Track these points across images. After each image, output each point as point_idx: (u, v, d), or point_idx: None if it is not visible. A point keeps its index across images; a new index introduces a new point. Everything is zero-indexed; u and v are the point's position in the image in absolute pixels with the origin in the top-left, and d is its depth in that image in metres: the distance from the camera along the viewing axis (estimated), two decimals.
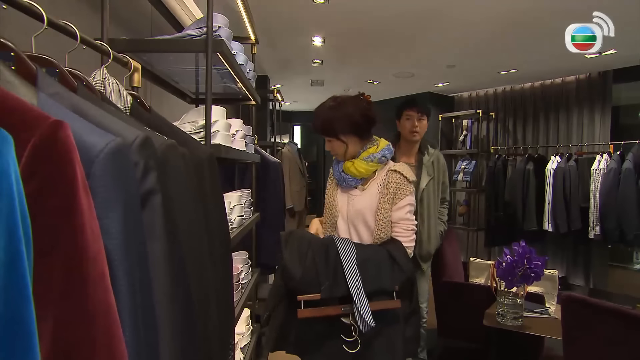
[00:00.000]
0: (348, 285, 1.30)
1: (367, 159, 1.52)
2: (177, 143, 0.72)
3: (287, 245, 1.40)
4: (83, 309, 0.42)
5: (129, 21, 1.61)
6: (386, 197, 1.48)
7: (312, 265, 1.34)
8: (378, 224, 1.48)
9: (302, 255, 1.36)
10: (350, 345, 1.32)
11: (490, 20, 3.12)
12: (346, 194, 1.59)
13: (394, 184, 1.50)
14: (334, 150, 1.57)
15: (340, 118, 1.50)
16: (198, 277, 0.72)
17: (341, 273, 1.32)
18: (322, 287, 1.31)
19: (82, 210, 0.42)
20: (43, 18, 0.65)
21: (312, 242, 1.41)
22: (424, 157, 2.34)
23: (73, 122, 0.48)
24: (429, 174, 2.30)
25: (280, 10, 3.08)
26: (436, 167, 2.34)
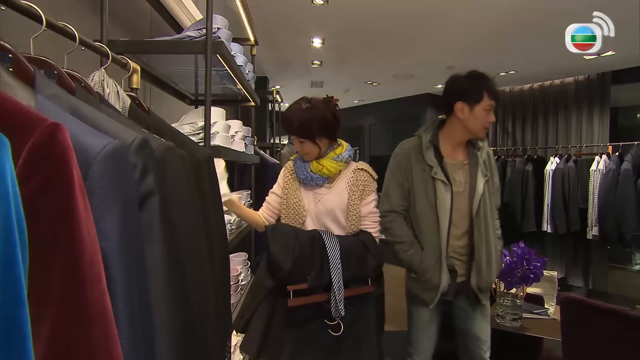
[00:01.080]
0: (330, 274, 1.41)
1: (335, 159, 1.59)
2: (176, 144, 0.72)
3: (273, 238, 1.43)
4: (79, 311, 0.42)
5: (128, 22, 1.61)
6: (356, 194, 1.57)
7: (299, 256, 1.41)
8: (350, 220, 1.56)
9: (289, 247, 1.41)
10: (334, 329, 1.43)
11: (490, 22, 3.12)
12: (311, 193, 1.60)
13: (363, 181, 1.60)
14: (306, 150, 1.57)
15: (316, 119, 1.55)
16: (196, 278, 0.72)
17: (326, 263, 1.42)
18: (308, 277, 1.40)
19: (79, 212, 0.42)
20: (42, 19, 0.65)
21: (299, 235, 1.47)
22: (478, 153, 1.75)
23: (71, 124, 0.48)
24: (484, 175, 1.73)
25: (280, 11, 3.09)
26: (489, 165, 1.79)
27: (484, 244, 1.68)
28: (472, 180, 1.70)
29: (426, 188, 1.69)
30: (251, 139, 2.15)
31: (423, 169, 1.70)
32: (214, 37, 1.28)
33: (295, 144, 1.60)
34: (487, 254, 1.68)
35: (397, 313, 2.16)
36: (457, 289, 1.72)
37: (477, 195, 1.67)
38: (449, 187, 1.66)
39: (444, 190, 1.66)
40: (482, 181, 1.71)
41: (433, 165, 1.68)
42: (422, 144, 1.73)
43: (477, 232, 1.67)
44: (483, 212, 1.69)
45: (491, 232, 1.72)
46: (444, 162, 1.70)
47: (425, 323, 1.77)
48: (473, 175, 1.71)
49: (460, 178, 1.71)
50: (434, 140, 1.73)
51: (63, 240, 0.41)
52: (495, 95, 1.68)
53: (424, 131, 1.78)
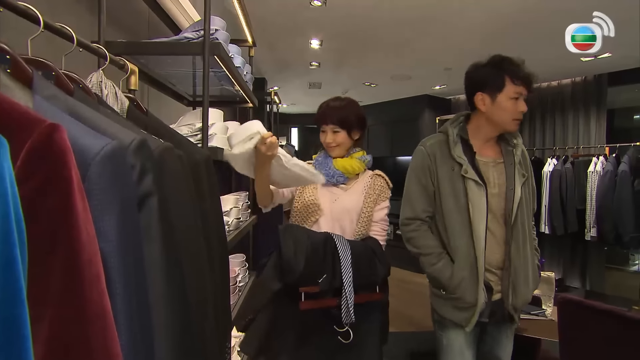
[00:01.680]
0: (342, 278, 1.38)
1: (360, 158, 1.61)
2: (174, 145, 0.72)
3: (285, 238, 1.40)
4: (78, 311, 0.42)
5: (126, 23, 1.60)
6: (371, 198, 1.57)
7: (312, 258, 1.37)
8: (361, 222, 1.55)
9: (302, 248, 1.37)
10: (343, 336, 1.39)
11: (487, 23, 3.13)
12: (328, 192, 1.58)
13: (379, 187, 1.61)
14: (338, 141, 1.56)
15: (355, 113, 1.60)
16: (195, 279, 0.72)
17: (338, 267, 1.39)
18: (320, 280, 1.36)
19: (78, 213, 0.42)
20: (39, 21, 0.65)
21: (311, 236, 1.44)
22: (513, 150, 1.51)
23: (69, 125, 0.48)
24: (522, 175, 1.49)
25: (278, 12, 3.09)
26: (524, 164, 1.53)
27: (522, 257, 1.45)
28: (508, 181, 1.47)
29: (455, 189, 1.45)
30: None
31: (451, 168, 1.46)
32: (212, 39, 1.28)
33: (326, 136, 1.58)
34: (524, 268, 1.45)
35: (396, 315, 2.15)
36: (492, 308, 1.46)
37: (515, 199, 1.43)
38: (483, 187, 1.42)
39: (476, 190, 1.42)
40: (520, 183, 1.47)
41: (463, 163, 1.44)
42: (450, 139, 1.49)
43: (515, 243, 1.43)
44: (520, 220, 1.46)
45: (528, 243, 1.48)
46: (475, 160, 1.47)
47: (458, 351, 1.49)
48: (510, 176, 1.47)
49: (495, 178, 1.47)
50: (463, 133, 1.51)
51: (62, 241, 0.42)
52: (522, 80, 1.43)
53: (450, 125, 1.54)
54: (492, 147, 1.54)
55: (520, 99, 1.44)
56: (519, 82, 1.43)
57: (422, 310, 2.40)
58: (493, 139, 1.53)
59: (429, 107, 6.08)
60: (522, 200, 1.46)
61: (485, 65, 1.50)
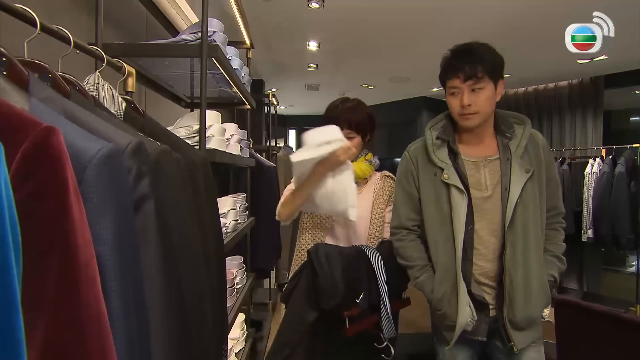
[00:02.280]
0: (380, 293, 1.31)
1: (370, 162, 1.58)
2: (171, 148, 0.72)
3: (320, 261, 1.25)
4: (74, 315, 0.42)
5: (124, 25, 1.60)
6: (383, 198, 1.55)
7: (349, 277, 1.28)
8: (374, 226, 1.52)
9: (337, 269, 1.25)
10: (385, 352, 1.30)
11: (484, 27, 3.15)
12: None
13: (389, 188, 1.58)
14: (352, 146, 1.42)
15: (370, 117, 1.55)
16: (191, 282, 0.71)
17: (374, 282, 1.33)
18: (359, 299, 1.27)
19: (73, 216, 0.42)
20: (36, 23, 0.65)
21: (343, 253, 1.33)
22: (511, 143, 1.32)
23: (65, 127, 0.48)
24: (525, 170, 1.28)
25: (276, 15, 3.10)
26: (534, 154, 1.32)
27: (521, 265, 1.25)
28: (504, 179, 1.29)
29: (437, 196, 1.33)
30: (247, 142, 2.15)
31: (433, 173, 1.34)
32: (210, 41, 1.28)
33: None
34: (525, 277, 1.25)
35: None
36: (490, 325, 1.30)
37: (511, 200, 1.25)
38: (465, 194, 1.28)
39: (458, 197, 1.28)
40: (520, 180, 1.26)
41: (444, 167, 1.31)
42: (428, 143, 1.37)
43: (510, 250, 1.25)
44: (522, 223, 1.26)
45: (534, 250, 1.27)
46: (459, 161, 1.33)
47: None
48: (505, 173, 1.29)
49: (486, 179, 1.31)
50: (445, 134, 1.36)
51: (57, 244, 0.41)
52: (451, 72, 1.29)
53: (429, 128, 1.41)
54: (486, 142, 1.36)
55: (459, 94, 1.28)
56: (451, 75, 1.29)
57: (419, 312, 2.39)
58: (484, 134, 1.36)
59: (427, 108, 6.09)
60: (524, 199, 1.26)
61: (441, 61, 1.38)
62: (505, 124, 1.36)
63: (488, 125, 1.36)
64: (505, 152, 1.32)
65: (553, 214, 1.37)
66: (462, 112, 1.29)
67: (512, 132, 1.34)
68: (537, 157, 1.32)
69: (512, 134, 1.33)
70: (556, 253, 1.35)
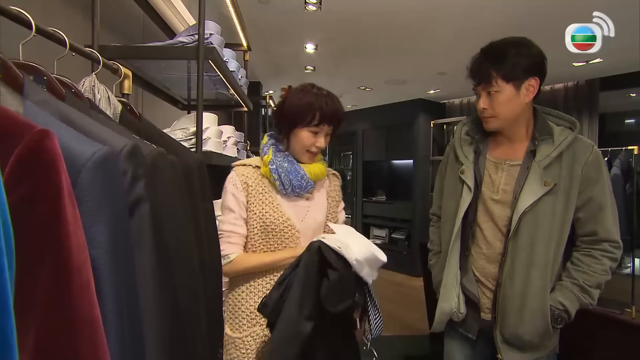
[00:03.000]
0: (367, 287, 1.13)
1: (324, 161, 1.34)
2: (167, 150, 0.72)
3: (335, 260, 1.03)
4: (67, 319, 0.41)
5: (121, 27, 1.60)
6: (335, 201, 1.35)
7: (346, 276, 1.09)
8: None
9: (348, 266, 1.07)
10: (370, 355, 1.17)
11: (480, 30, 3.16)
12: (293, 207, 1.25)
13: (338, 187, 1.39)
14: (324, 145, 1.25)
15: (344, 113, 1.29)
16: (187, 286, 0.71)
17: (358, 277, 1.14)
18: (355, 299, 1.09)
19: (67, 220, 0.42)
20: (31, 25, 0.64)
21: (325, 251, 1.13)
22: (539, 150, 1.23)
23: (60, 130, 0.48)
24: (543, 182, 1.19)
25: (273, 17, 3.10)
26: (567, 167, 1.20)
27: (522, 280, 1.18)
28: (517, 187, 1.22)
29: (455, 189, 1.33)
30: (244, 144, 2.15)
31: (457, 168, 1.34)
32: (206, 43, 1.29)
33: (317, 139, 1.23)
34: (522, 294, 1.18)
35: (391, 318, 2.15)
36: (481, 327, 1.29)
37: (518, 210, 1.18)
38: (471, 191, 1.27)
39: (465, 195, 1.29)
40: (534, 190, 1.18)
41: (464, 163, 1.31)
42: (455, 137, 1.38)
43: (510, 260, 1.19)
44: (529, 236, 1.18)
45: (541, 268, 1.18)
46: (481, 159, 1.31)
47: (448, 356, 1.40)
48: (519, 181, 1.22)
49: (500, 182, 1.27)
50: (473, 132, 1.35)
51: (51, 248, 0.41)
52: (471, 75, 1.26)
53: (463, 123, 1.40)
54: (516, 146, 1.28)
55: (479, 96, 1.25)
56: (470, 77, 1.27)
57: (416, 314, 2.39)
58: (517, 136, 1.29)
59: (424, 111, 6.11)
60: (537, 212, 1.18)
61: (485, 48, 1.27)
62: (542, 129, 1.26)
63: (519, 127, 1.28)
64: (528, 159, 1.24)
65: (592, 240, 1.22)
66: (482, 115, 1.28)
67: (546, 139, 1.23)
68: (571, 171, 1.19)
69: (544, 142, 1.23)
70: (580, 282, 1.20)
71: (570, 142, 1.21)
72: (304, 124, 1.20)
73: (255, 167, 1.25)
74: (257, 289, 1.23)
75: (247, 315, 1.22)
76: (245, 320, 1.22)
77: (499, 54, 1.22)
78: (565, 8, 2.77)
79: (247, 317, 1.23)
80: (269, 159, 1.22)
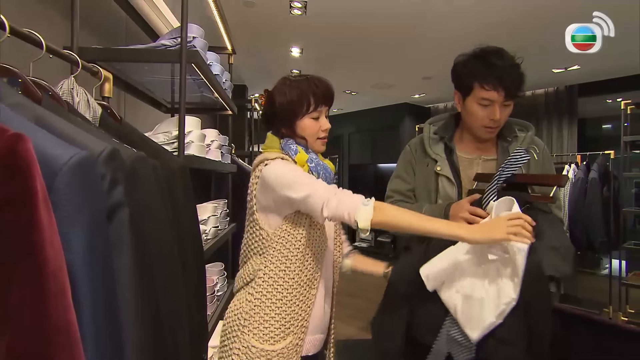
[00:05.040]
0: None
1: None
2: (149, 154, 0.71)
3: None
4: (41, 327, 0.40)
5: (103, 29, 1.58)
6: None
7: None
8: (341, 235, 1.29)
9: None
10: None
11: (464, 36, 3.22)
12: None
13: None
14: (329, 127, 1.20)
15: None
16: (168, 290, 0.70)
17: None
18: None
19: (42, 225, 0.41)
20: (4, 26, 0.63)
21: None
22: (511, 147, 1.33)
23: (35, 134, 0.47)
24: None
25: (258, 21, 3.10)
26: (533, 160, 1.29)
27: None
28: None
29: (428, 188, 1.34)
30: (228, 147, 2.13)
31: (426, 164, 1.36)
32: (189, 47, 1.28)
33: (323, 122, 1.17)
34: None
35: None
36: None
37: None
38: (455, 185, 1.29)
39: (448, 188, 1.30)
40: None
41: (438, 159, 1.33)
42: (425, 136, 1.39)
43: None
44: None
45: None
46: (454, 156, 1.34)
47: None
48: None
49: None
50: (443, 132, 1.37)
51: (25, 255, 0.40)
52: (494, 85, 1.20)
53: (430, 122, 1.44)
54: (486, 144, 1.35)
55: (492, 106, 1.23)
56: (490, 87, 1.21)
57: None
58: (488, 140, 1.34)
59: (409, 114, 6.18)
60: None
61: (461, 60, 1.30)
62: (508, 129, 1.35)
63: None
64: (504, 155, 1.30)
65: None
66: (490, 126, 1.26)
67: (513, 137, 1.34)
68: (535, 162, 1.30)
69: (514, 139, 1.34)
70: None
71: (531, 138, 1.34)
72: (302, 113, 1.14)
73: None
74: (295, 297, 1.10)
75: (281, 325, 1.09)
76: (279, 330, 1.09)
77: (517, 67, 1.24)
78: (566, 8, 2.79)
79: (280, 327, 1.09)
80: (307, 157, 1.14)
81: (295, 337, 1.10)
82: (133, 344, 0.55)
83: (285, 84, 1.17)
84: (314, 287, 1.13)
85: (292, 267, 1.10)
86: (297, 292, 1.11)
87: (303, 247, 1.11)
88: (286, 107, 1.14)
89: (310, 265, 1.12)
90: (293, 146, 1.15)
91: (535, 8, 2.83)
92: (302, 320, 1.11)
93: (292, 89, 1.15)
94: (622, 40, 2.55)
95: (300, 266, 1.11)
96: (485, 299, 0.96)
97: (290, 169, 1.10)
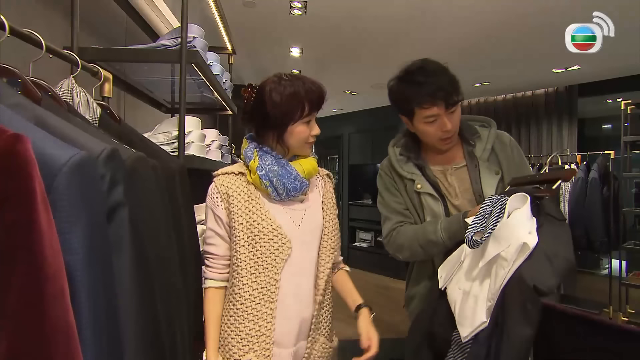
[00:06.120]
0: None
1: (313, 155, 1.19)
2: (148, 155, 0.71)
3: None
4: (40, 328, 0.40)
5: (104, 30, 1.58)
6: (332, 202, 1.23)
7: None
8: (334, 239, 1.18)
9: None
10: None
11: (463, 36, 3.22)
12: (288, 211, 1.11)
13: (331, 189, 1.26)
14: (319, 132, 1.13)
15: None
16: (167, 290, 0.70)
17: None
18: None
19: (41, 226, 0.41)
20: (4, 26, 0.63)
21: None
22: (476, 149, 1.31)
23: (35, 134, 0.47)
24: (494, 172, 1.28)
25: (258, 21, 3.10)
26: (503, 155, 1.30)
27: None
28: (476, 186, 1.26)
29: (414, 207, 1.32)
30: (228, 148, 2.14)
31: (404, 186, 1.34)
32: (189, 47, 1.28)
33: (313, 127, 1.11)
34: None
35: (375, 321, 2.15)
36: None
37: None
38: (440, 200, 1.28)
39: (433, 205, 1.27)
40: (491, 183, 1.24)
41: (415, 178, 1.31)
42: (393, 159, 1.37)
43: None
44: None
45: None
46: (427, 171, 1.33)
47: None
48: (476, 180, 1.26)
49: (455, 186, 1.30)
50: (407, 151, 1.36)
51: (23, 256, 0.40)
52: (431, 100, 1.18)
53: (392, 144, 1.42)
54: (452, 150, 1.33)
55: (439, 119, 1.21)
56: (428, 105, 1.19)
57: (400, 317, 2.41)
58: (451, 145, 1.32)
59: None
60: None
61: (392, 87, 1.30)
62: (469, 131, 1.33)
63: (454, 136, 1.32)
64: (472, 159, 1.30)
65: None
66: (445, 137, 1.24)
67: (476, 137, 1.32)
68: (506, 157, 1.29)
69: (477, 139, 1.32)
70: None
71: (495, 134, 1.33)
72: (295, 119, 1.06)
73: (238, 174, 1.10)
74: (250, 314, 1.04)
75: (237, 342, 1.04)
76: (236, 348, 1.04)
77: (445, 74, 1.24)
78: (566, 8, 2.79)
79: (237, 344, 1.04)
80: (257, 165, 1.07)
81: (256, 355, 1.03)
82: (132, 346, 0.55)
83: (280, 83, 1.07)
84: (273, 301, 1.04)
85: (243, 280, 1.04)
86: (250, 308, 1.04)
87: (244, 262, 1.05)
88: (280, 110, 1.05)
89: (262, 279, 1.05)
90: (249, 152, 1.11)
91: (535, 8, 2.83)
92: (262, 336, 1.03)
93: (284, 91, 1.06)
94: (622, 40, 2.54)
95: (248, 281, 1.04)
96: (479, 297, 0.95)
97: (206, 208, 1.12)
